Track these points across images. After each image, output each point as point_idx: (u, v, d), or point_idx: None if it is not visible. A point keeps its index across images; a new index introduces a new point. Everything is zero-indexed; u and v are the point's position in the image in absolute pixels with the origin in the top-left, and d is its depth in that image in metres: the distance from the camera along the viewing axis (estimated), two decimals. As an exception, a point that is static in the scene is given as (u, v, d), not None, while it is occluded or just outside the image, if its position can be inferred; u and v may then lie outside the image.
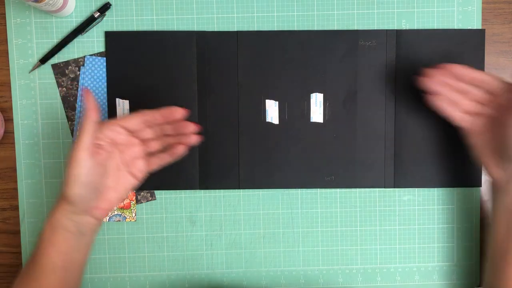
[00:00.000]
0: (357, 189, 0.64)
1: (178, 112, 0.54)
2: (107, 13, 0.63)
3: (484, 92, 0.56)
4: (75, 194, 0.51)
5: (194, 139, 0.56)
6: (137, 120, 0.55)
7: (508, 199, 0.54)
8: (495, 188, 0.57)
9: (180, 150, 0.56)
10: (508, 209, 0.54)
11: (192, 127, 0.55)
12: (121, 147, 0.55)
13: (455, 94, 0.56)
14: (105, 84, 0.63)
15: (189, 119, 0.63)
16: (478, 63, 0.63)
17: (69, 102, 0.63)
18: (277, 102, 0.63)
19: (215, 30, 0.63)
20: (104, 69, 0.63)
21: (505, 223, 0.55)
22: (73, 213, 0.52)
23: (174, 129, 0.55)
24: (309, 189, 0.64)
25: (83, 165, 0.50)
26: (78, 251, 0.54)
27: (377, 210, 0.64)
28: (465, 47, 0.63)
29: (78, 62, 0.63)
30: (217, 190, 0.64)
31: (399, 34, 0.63)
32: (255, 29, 0.63)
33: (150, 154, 0.57)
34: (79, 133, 0.51)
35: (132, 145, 0.56)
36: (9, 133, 0.64)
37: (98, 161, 0.52)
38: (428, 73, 0.56)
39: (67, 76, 0.63)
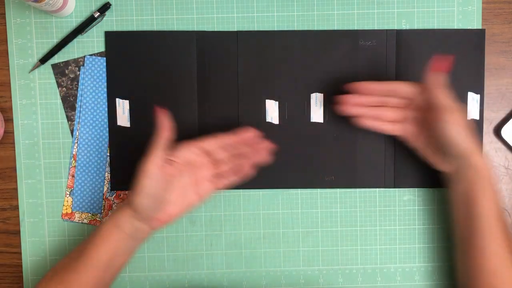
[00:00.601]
0: (357, 189, 0.64)
1: (252, 134, 0.57)
2: (107, 13, 0.63)
3: (400, 98, 0.58)
4: (139, 203, 0.54)
5: (267, 158, 0.58)
6: (216, 144, 0.58)
7: (459, 187, 0.57)
8: (448, 179, 0.59)
9: (249, 171, 0.58)
10: (462, 196, 0.57)
11: (267, 146, 0.58)
12: (193, 167, 0.58)
13: (375, 109, 0.58)
14: (105, 84, 0.63)
15: (189, 119, 0.63)
16: (478, 63, 0.63)
17: (69, 102, 0.63)
18: (277, 102, 0.63)
19: (215, 30, 0.63)
20: (104, 69, 0.63)
21: (462, 209, 0.57)
22: (134, 218, 0.55)
23: (250, 150, 0.58)
24: (309, 189, 0.64)
25: (151, 178, 0.53)
26: (124, 254, 0.56)
27: (377, 210, 0.64)
28: (465, 47, 0.63)
29: (78, 62, 0.63)
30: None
31: (399, 34, 0.63)
32: (255, 29, 0.63)
33: (218, 175, 0.59)
34: (151, 148, 0.54)
35: (204, 167, 0.58)
36: (9, 133, 0.64)
37: (166, 177, 0.55)
38: (342, 100, 0.58)
39: (67, 76, 0.63)
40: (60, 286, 0.54)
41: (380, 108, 0.59)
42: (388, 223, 0.64)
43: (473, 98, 0.63)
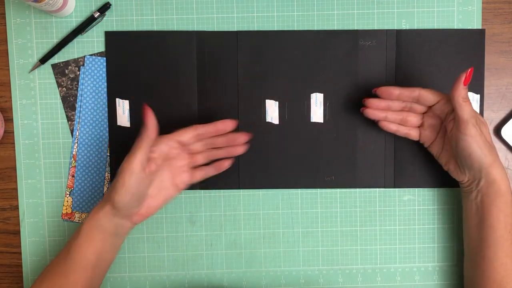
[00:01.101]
0: (357, 189, 0.64)
1: (230, 124, 0.58)
2: (107, 13, 0.63)
3: (424, 105, 0.58)
4: (121, 201, 0.53)
5: (241, 150, 0.59)
6: (191, 134, 0.58)
7: (473, 196, 0.57)
8: (462, 188, 0.59)
9: (226, 164, 0.60)
10: (475, 206, 0.57)
11: (243, 138, 0.59)
12: (170, 160, 0.58)
13: (400, 113, 0.59)
14: (105, 84, 0.63)
15: (189, 119, 0.63)
16: (478, 63, 0.63)
17: (69, 102, 0.63)
18: (277, 102, 0.63)
19: (215, 30, 0.63)
20: (104, 69, 0.63)
21: (475, 219, 0.57)
22: (115, 216, 0.55)
23: (225, 141, 0.58)
24: (309, 189, 0.64)
25: (134, 177, 0.53)
26: (110, 251, 0.57)
27: (377, 210, 0.64)
28: (465, 47, 0.63)
29: (78, 62, 0.63)
30: (217, 190, 0.64)
31: (399, 34, 0.63)
32: (255, 29, 0.63)
33: (195, 167, 0.60)
34: (135, 147, 0.53)
35: (180, 158, 0.59)
36: (9, 133, 0.64)
37: (148, 173, 0.54)
38: (369, 103, 0.59)
39: (67, 76, 0.63)
40: None
41: (404, 113, 0.59)
42: (388, 223, 0.64)
43: (473, 98, 0.63)
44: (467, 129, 0.53)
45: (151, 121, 0.54)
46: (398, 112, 0.59)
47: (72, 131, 0.63)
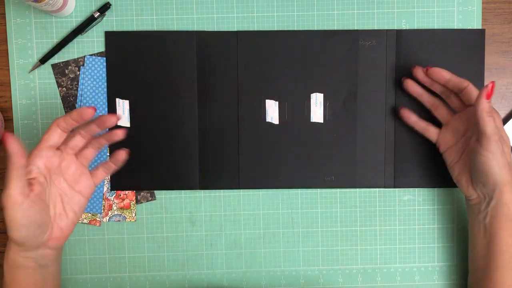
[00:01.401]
0: (357, 189, 0.64)
1: (87, 109, 0.51)
2: (107, 13, 0.63)
3: (459, 101, 0.58)
4: (18, 236, 0.48)
5: (120, 134, 0.54)
6: (55, 131, 0.51)
7: (481, 217, 0.56)
8: (470, 206, 0.58)
9: (122, 155, 0.55)
10: (483, 227, 0.56)
11: (113, 118, 0.52)
12: (57, 170, 0.52)
13: (435, 98, 0.59)
14: (105, 84, 0.63)
15: (189, 118, 0.63)
16: (478, 63, 0.63)
17: (69, 102, 0.63)
18: (277, 102, 0.63)
19: (215, 30, 0.63)
20: (104, 69, 0.63)
21: (482, 241, 0.56)
22: (26, 251, 0.50)
23: (95, 125, 0.53)
24: (309, 189, 0.64)
25: (20, 209, 0.47)
26: (44, 282, 0.53)
27: (377, 210, 0.64)
28: (465, 47, 0.63)
29: (78, 62, 0.63)
30: (217, 190, 0.64)
31: (399, 34, 0.63)
32: (255, 29, 0.63)
33: (93, 168, 0.56)
34: (7, 179, 0.46)
35: (68, 162, 0.53)
36: (9, 133, 0.63)
37: (34, 199, 0.48)
38: (415, 72, 0.58)
39: (67, 76, 0.63)
40: None
41: (438, 100, 0.59)
42: (388, 223, 0.64)
43: (473, 98, 0.63)
44: (489, 145, 0.51)
45: (14, 147, 0.46)
46: (433, 97, 0.59)
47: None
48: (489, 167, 0.52)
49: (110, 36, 0.63)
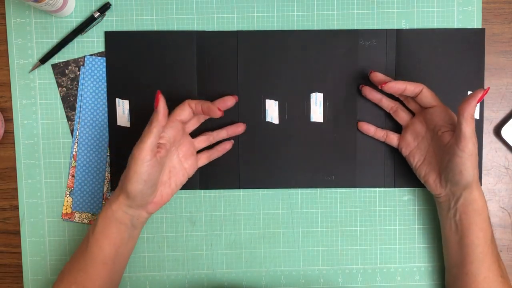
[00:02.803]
0: (357, 189, 0.64)
1: (216, 113, 0.56)
2: (107, 13, 0.63)
3: (417, 105, 0.59)
4: (135, 190, 0.52)
5: (242, 128, 0.61)
6: (186, 109, 0.56)
7: (451, 214, 0.57)
8: (439, 203, 0.59)
9: (229, 146, 0.61)
10: (454, 224, 0.57)
11: (231, 99, 0.59)
12: (177, 144, 0.57)
13: (394, 102, 0.61)
14: (105, 84, 0.63)
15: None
16: (478, 63, 0.63)
17: (69, 102, 0.63)
18: (277, 102, 0.63)
19: (215, 30, 0.63)
20: (104, 69, 0.63)
21: (455, 237, 0.57)
22: (130, 207, 0.54)
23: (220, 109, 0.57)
24: (309, 189, 0.64)
25: (146, 164, 0.51)
26: (128, 243, 0.57)
27: (377, 210, 0.64)
28: (465, 47, 0.63)
29: (78, 62, 0.63)
30: (217, 190, 0.64)
31: (399, 34, 0.63)
32: (255, 29, 0.63)
33: (199, 151, 0.61)
34: (145, 133, 0.52)
35: (186, 142, 0.58)
36: (9, 133, 0.64)
37: (158, 160, 0.53)
38: (375, 78, 0.59)
39: (67, 76, 0.63)
40: (74, 286, 0.54)
41: (398, 103, 0.60)
42: (388, 223, 0.64)
43: (473, 98, 0.63)
44: (467, 147, 0.52)
45: (162, 106, 0.52)
46: (392, 100, 0.61)
47: (72, 131, 0.63)
48: (465, 167, 0.53)
49: (110, 36, 0.63)
